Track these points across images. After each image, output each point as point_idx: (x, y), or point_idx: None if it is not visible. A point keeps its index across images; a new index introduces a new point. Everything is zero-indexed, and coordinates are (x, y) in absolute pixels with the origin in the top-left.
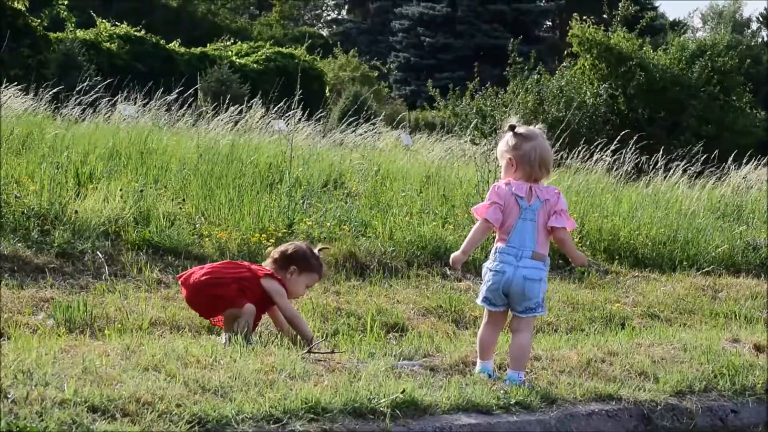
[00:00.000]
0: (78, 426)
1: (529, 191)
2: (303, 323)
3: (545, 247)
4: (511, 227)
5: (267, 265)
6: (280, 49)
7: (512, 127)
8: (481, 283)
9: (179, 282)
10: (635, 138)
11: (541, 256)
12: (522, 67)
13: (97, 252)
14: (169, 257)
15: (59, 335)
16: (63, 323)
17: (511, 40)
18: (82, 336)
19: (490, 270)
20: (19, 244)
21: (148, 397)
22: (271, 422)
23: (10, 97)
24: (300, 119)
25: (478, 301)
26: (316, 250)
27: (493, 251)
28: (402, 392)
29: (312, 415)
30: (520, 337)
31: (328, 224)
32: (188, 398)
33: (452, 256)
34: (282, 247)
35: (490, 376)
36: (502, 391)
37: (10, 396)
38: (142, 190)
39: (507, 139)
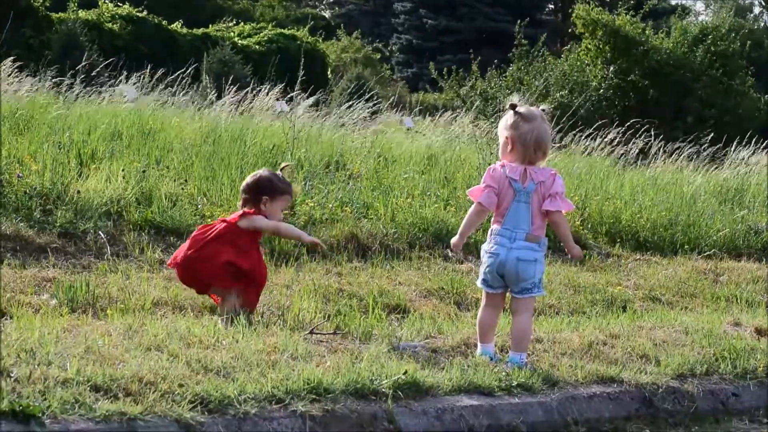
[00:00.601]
0: (81, 405)
1: (524, 173)
2: (290, 228)
3: (541, 229)
4: (506, 209)
5: (240, 208)
6: (282, 30)
7: (513, 106)
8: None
9: (171, 267)
10: (640, 121)
11: (535, 237)
12: (528, 50)
13: (100, 232)
14: (171, 238)
15: (62, 315)
16: (65, 303)
17: (518, 21)
18: (84, 316)
19: (486, 252)
20: (22, 224)
21: (150, 376)
22: (273, 402)
23: (12, 78)
24: (302, 100)
25: (478, 282)
26: (278, 172)
27: (489, 233)
28: (404, 373)
29: (314, 396)
30: (519, 318)
31: (330, 206)
32: (191, 378)
33: (451, 240)
34: (247, 181)
35: (491, 359)
36: (504, 373)
37: (12, 375)
38: (144, 171)
39: (506, 118)
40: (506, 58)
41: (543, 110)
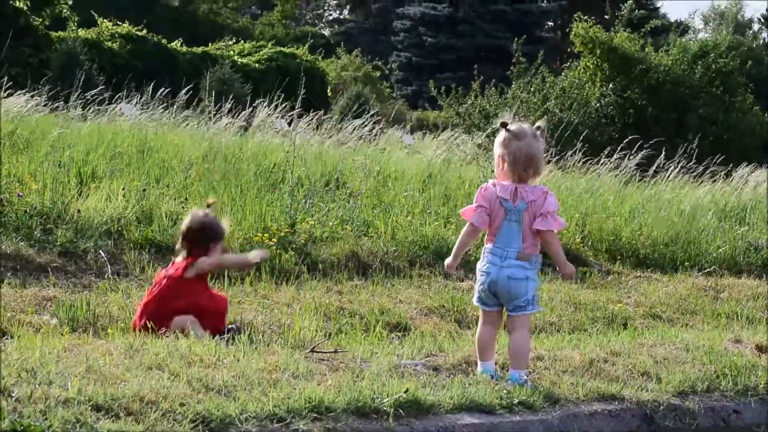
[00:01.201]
0: (82, 425)
1: (515, 192)
2: (233, 258)
3: (532, 247)
4: (497, 228)
5: (180, 257)
6: (281, 48)
7: (504, 124)
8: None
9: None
10: (640, 139)
11: (526, 256)
12: (526, 67)
13: (100, 251)
14: (172, 256)
15: (62, 334)
16: (66, 322)
17: (515, 39)
18: (85, 335)
19: (479, 270)
20: (22, 243)
21: (151, 396)
22: (275, 421)
23: (11, 96)
24: (302, 119)
25: (474, 300)
26: (209, 211)
27: (482, 251)
28: (405, 392)
29: (315, 415)
30: (514, 336)
31: (331, 224)
32: (192, 397)
33: (446, 261)
34: (190, 226)
35: (492, 376)
36: (505, 391)
37: (14, 395)
38: (144, 189)
39: (499, 136)
40: (505, 75)
41: (538, 127)
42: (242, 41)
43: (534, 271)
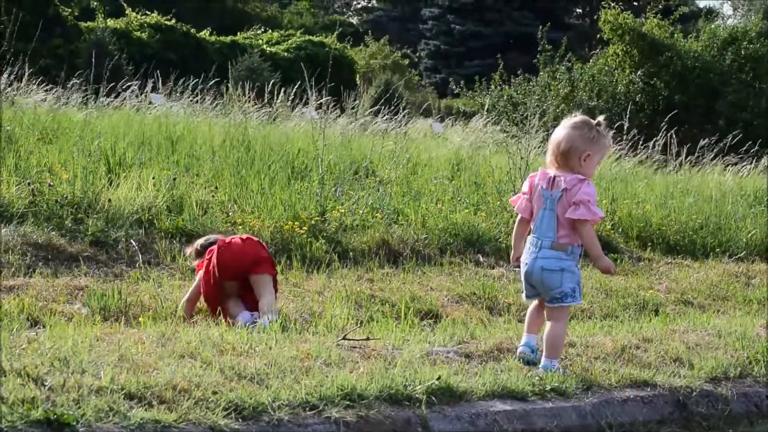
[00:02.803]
0: (115, 413)
1: (552, 180)
2: None
3: (568, 237)
4: (536, 217)
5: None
6: (310, 37)
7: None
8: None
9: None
10: (669, 125)
11: (561, 246)
12: (552, 55)
13: (131, 240)
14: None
15: (94, 323)
16: (98, 311)
17: (540, 27)
18: (116, 324)
19: (521, 261)
20: (53, 233)
21: (184, 384)
22: (308, 409)
23: (41, 87)
24: (331, 107)
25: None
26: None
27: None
28: (437, 379)
29: (348, 402)
30: (551, 326)
31: (361, 212)
32: (224, 385)
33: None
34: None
35: (530, 349)
36: (537, 378)
37: (47, 383)
38: (174, 178)
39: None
40: (533, 63)
41: (598, 123)
42: (270, 30)
43: (570, 262)
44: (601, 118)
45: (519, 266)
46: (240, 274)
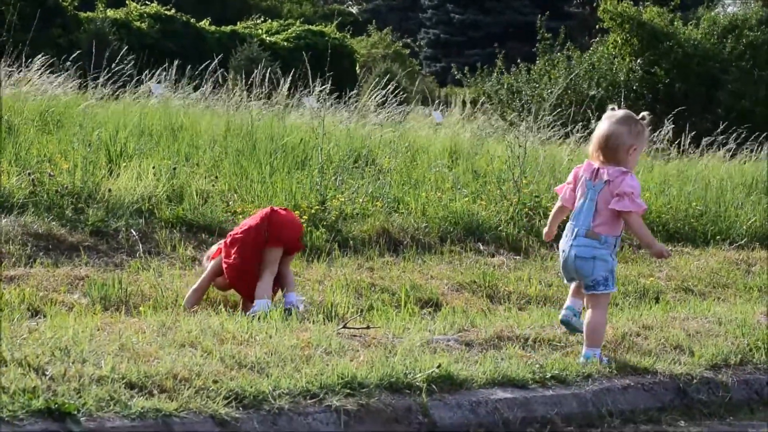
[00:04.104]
0: (116, 402)
1: (596, 172)
2: None
3: (606, 226)
4: (576, 206)
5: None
6: (310, 27)
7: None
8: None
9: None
10: (669, 113)
11: (595, 234)
12: (551, 43)
13: (131, 230)
14: (203, 234)
15: (95, 313)
16: (98, 301)
17: (539, 16)
18: (117, 313)
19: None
20: (54, 223)
21: (185, 373)
22: (308, 397)
23: (41, 77)
24: (330, 96)
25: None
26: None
27: None
28: (438, 367)
29: (348, 390)
30: (590, 314)
31: (361, 200)
32: (225, 374)
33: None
34: None
35: (573, 312)
36: (537, 365)
37: (48, 373)
38: (174, 168)
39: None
40: (533, 51)
41: (642, 117)
42: (270, 20)
43: (604, 251)
44: (645, 113)
45: (549, 241)
46: (291, 242)
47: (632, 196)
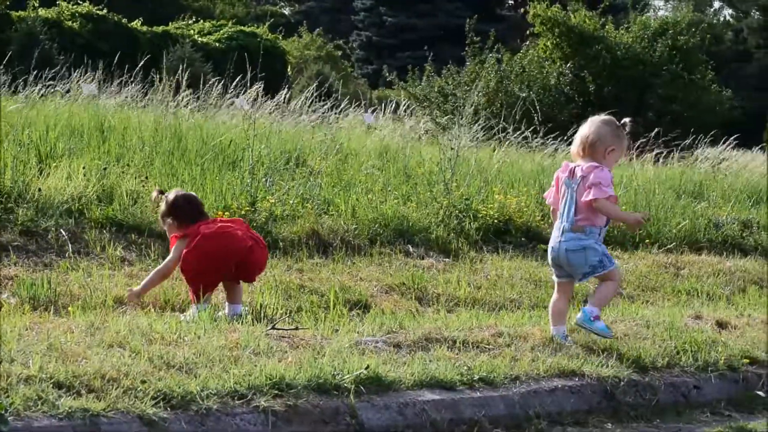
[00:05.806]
0: (43, 402)
1: (572, 170)
2: None
3: (585, 219)
4: (560, 205)
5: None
6: (242, 27)
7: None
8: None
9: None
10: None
11: (579, 228)
12: (480, 46)
13: (61, 230)
14: (133, 235)
15: (23, 312)
16: (27, 301)
17: (467, 19)
18: (46, 313)
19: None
20: None
21: (113, 373)
22: (236, 398)
23: None
24: (261, 98)
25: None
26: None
27: None
28: (366, 368)
29: (276, 391)
30: (605, 283)
31: (291, 202)
32: (153, 374)
33: None
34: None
35: (565, 338)
36: (465, 367)
37: None
38: (105, 168)
39: None
40: (464, 54)
41: (623, 123)
42: (202, 20)
43: (590, 240)
44: (627, 119)
45: None
46: (251, 280)
47: (599, 185)
